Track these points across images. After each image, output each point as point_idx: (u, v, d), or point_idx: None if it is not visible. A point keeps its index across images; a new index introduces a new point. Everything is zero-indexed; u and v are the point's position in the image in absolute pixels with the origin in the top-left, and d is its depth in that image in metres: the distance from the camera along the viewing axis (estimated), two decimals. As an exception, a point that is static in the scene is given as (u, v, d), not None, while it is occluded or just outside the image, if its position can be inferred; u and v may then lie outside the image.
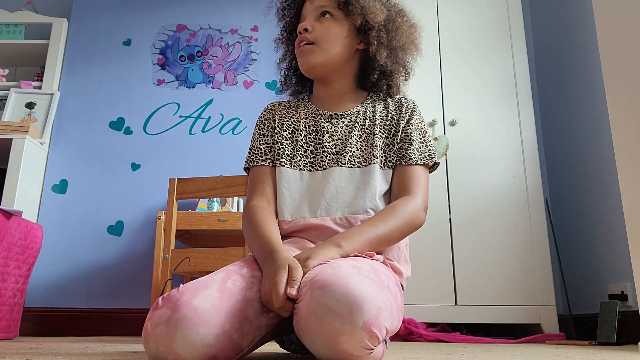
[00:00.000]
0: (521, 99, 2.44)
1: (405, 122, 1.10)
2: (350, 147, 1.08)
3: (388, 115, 1.12)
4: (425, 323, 2.13)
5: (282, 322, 0.86)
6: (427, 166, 1.08)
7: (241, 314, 0.80)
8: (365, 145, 1.08)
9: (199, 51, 2.93)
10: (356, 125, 1.10)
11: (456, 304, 2.19)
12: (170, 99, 2.85)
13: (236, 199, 2.47)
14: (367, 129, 1.10)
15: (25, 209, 2.47)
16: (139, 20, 2.97)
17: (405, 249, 1.07)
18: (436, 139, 2.38)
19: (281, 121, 1.14)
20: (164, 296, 0.79)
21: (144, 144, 2.77)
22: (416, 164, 1.06)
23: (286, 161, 1.08)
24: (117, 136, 2.78)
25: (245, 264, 0.92)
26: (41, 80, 2.80)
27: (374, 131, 1.09)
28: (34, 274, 2.45)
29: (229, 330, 0.77)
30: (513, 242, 2.26)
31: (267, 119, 1.15)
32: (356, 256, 0.90)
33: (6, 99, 2.72)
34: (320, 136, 1.10)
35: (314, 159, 1.09)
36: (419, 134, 1.10)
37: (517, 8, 2.56)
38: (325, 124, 1.11)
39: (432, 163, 1.08)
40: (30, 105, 2.70)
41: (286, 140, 1.11)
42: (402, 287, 1.03)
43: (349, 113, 1.12)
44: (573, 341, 1.88)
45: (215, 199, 2.40)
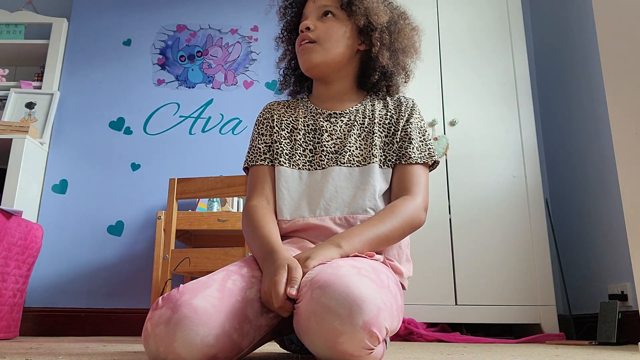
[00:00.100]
0: (521, 99, 2.44)
1: (405, 121, 1.10)
2: (350, 146, 1.07)
3: (387, 114, 1.12)
4: (425, 323, 2.12)
5: (282, 322, 0.86)
6: (427, 165, 1.08)
7: (241, 314, 0.80)
8: (365, 144, 1.08)
9: (199, 51, 2.93)
10: (355, 124, 1.10)
11: (456, 304, 2.19)
12: (170, 99, 2.85)
13: (236, 199, 2.47)
14: (366, 127, 1.10)
15: (25, 209, 2.47)
16: (139, 20, 2.97)
17: (407, 247, 1.06)
18: (436, 139, 2.38)
19: (280, 120, 1.13)
20: (164, 296, 0.79)
21: (144, 144, 2.76)
22: (416, 163, 1.05)
23: (285, 160, 1.08)
24: (117, 136, 2.78)
25: (245, 264, 0.92)
26: (41, 80, 2.80)
27: (373, 130, 1.09)
28: (34, 274, 2.45)
29: (229, 330, 0.77)
30: (513, 242, 2.26)
31: (266, 118, 1.14)
32: (356, 256, 0.90)
33: (6, 99, 2.72)
34: (319, 135, 1.10)
35: (312, 158, 1.08)
36: (418, 133, 1.09)
37: (517, 8, 2.56)
38: (324, 122, 1.11)
39: (432, 162, 1.08)
40: (30, 105, 2.70)
41: (285, 140, 1.10)
42: (404, 286, 1.03)
43: (348, 112, 1.12)
44: (573, 341, 1.88)
45: (215, 199, 2.39)
